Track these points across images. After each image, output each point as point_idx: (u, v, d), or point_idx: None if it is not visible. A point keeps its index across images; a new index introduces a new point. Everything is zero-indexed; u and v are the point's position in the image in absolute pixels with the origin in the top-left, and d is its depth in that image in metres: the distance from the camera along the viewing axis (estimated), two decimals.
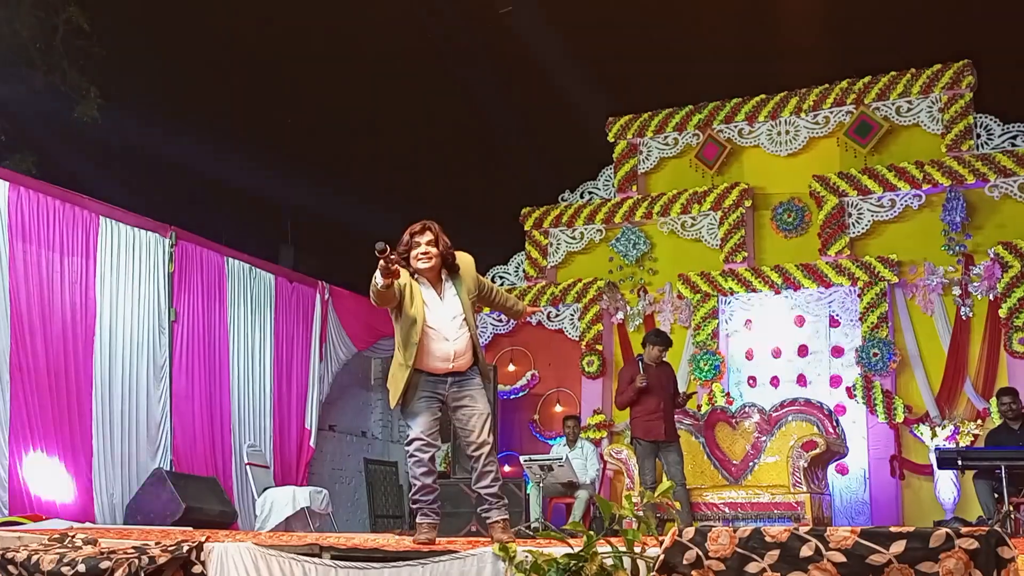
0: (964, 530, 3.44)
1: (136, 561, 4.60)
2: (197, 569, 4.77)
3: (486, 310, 12.07)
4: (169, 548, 4.79)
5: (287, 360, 10.70)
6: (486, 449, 5.03)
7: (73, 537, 5.34)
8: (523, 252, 12.39)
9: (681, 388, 9.22)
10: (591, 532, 3.99)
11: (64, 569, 4.73)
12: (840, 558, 3.51)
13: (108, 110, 12.97)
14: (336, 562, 4.55)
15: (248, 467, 9.84)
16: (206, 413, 9.56)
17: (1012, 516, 7.20)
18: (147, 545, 4.88)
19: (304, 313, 11.04)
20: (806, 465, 8.38)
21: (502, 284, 12.35)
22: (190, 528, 7.47)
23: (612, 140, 12.24)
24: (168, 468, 8.90)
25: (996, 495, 7.66)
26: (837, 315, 10.55)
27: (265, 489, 9.68)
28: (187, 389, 9.39)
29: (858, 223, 10.63)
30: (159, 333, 9.20)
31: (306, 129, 15.72)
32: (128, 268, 8.98)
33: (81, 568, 4.70)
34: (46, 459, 7.96)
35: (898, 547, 3.46)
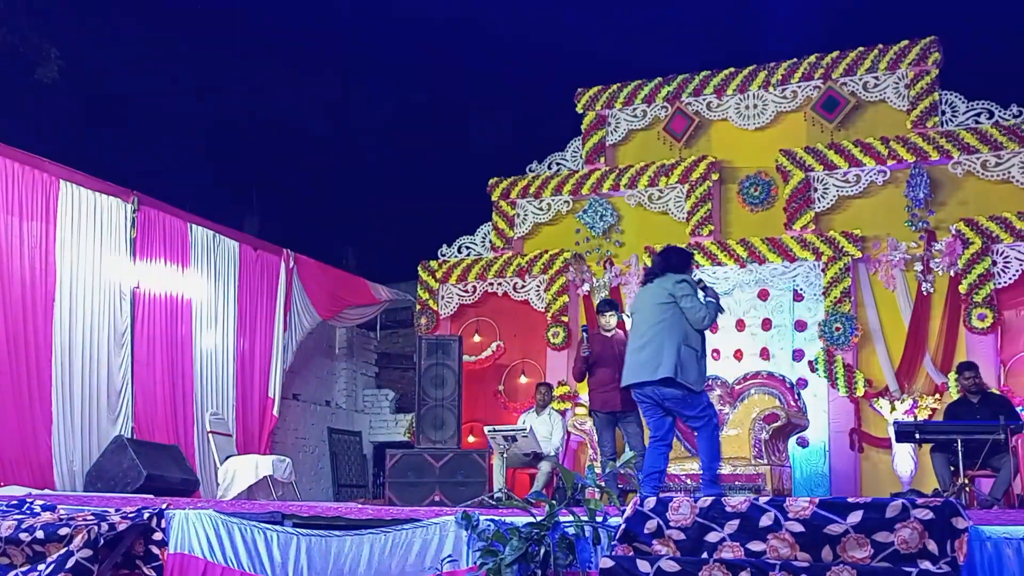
0: (920, 501, 3.50)
1: (96, 528, 4.57)
2: (158, 536, 4.75)
3: (453, 280, 12.02)
4: (129, 515, 4.76)
5: (251, 328, 10.62)
6: None
7: (32, 503, 5.28)
8: (490, 223, 12.34)
9: None
10: (553, 502, 4.01)
11: (22, 535, 4.69)
12: (798, 528, 3.55)
13: (69, 72, 12.75)
14: (298, 530, 4.55)
15: (210, 435, 9.78)
16: (168, 380, 9.48)
17: (967, 489, 7.31)
18: (107, 512, 4.85)
19: (268, 281, 10.96)
20: (767, 437, 8.45)
21: (468, 254, 12.30)
22: (151, 496, 7.43)
23: (581, 111, 12.19)
24: (129, 435, 8.84)
25: (952, 468, 7.77)
26: (801, 289, 10.63)
27: (227, 457, 9.64)
28: (148, 356, 9.31)
29: (823, 198, 10.69)
30: (120, 299, 9.09)
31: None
32: (89, 233, 8.85)
33: (39, 534, 4.66)
34: (4, 425, 7.86)
35: (855, 517, 3.50)
